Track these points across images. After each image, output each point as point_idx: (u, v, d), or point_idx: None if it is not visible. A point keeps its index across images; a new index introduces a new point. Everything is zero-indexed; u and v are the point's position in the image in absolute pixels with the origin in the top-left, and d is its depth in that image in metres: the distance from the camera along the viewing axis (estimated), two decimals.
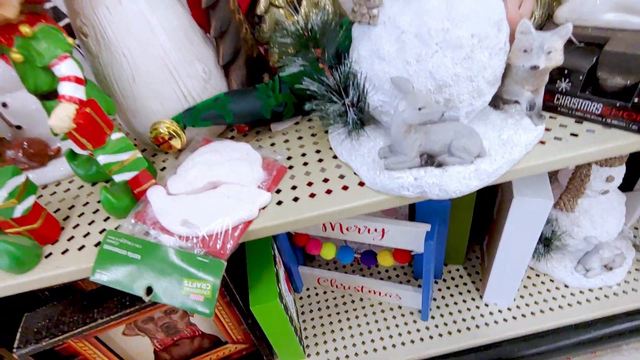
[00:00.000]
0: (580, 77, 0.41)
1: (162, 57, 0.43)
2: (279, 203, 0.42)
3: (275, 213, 0.41)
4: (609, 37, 0.43)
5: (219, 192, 0.42)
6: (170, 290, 0.37)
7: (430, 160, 0.38)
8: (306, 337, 0.75)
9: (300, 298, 0.82)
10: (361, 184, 0.42)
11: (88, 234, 0.44)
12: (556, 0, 0.48)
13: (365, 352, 0.71)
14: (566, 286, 0.74)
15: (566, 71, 0.42)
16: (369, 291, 0.78)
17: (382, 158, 0.39)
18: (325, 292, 0.82)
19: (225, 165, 0.44)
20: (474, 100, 0.37)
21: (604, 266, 0.71)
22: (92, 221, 0.46)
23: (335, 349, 0.72)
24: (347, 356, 0.71)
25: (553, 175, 0.72)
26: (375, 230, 0.64)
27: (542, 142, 0.42)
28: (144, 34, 0.41)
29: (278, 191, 0.44)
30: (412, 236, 0.61)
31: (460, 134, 0.37)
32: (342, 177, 0.44)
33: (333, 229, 0.67)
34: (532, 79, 0.38)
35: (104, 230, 0.44)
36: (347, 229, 0.66)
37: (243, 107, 0.47)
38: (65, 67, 0.34)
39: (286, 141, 0.51)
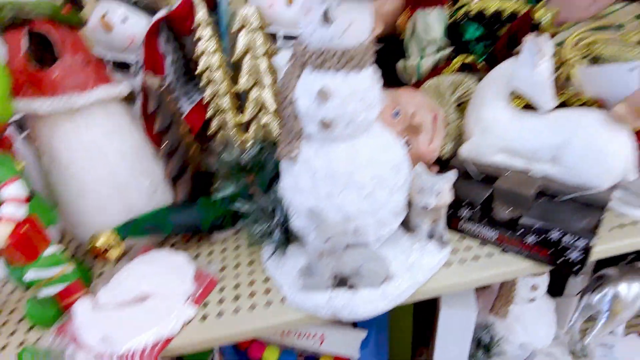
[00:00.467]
0: (477, 207, 0.48)
1: (111, 176, 0.48)
2: (203, 318, 0.44)
3: (198, 329, 0.43)
4: (498, 173, 0.51)
5: (145, 306, 0.44)
6: None
7: (342, 281, 0.42)
8: None
9: None
10: (283, 300, 0.45)
11: (6, 345, 0.44)
12: (463, 136, 0.57)
13: None
14: None
15: (466, 202, 0.48)
16: None
17: (301, 277, 0.43)
18: None
19: (157, 277, 0.46)
20: (379, 229, 0.42)
21: None
22: (14, 331, 0.46)
23: None
24: None
25: None
26: (315, 335, 0.65)
27: (449, 264, 0.47)
28: (97, 159, 0.46)
29: (205, 304, 0.46)
30: (349, 342, 0.62)
31: (368, 259, 0.41)
32: (267, 291, 0.46)
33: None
34: (429, 213, 0.44)
35: (23, 342, 0.44)
36: (287, 333, 0.66)
37: (183, 219, 0.51)
38: (8, 192, 0.38)
39: (224, 250, 0.54)
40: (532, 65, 0.44)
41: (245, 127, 0.56)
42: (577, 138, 0.45)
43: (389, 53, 0.64)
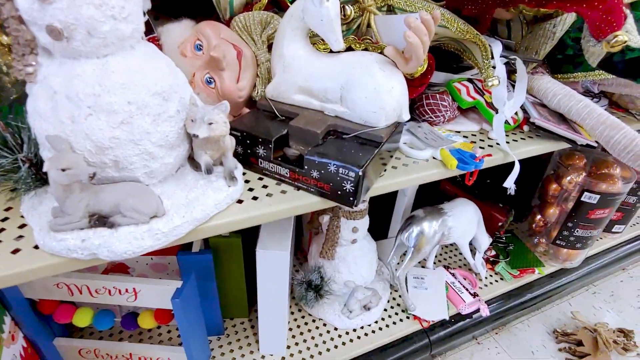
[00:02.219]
0: (271, 146, 0.47)
1: None
2: None
3: None
4: (298, 113, 0.51)
5: None
6: None
7: (102, 221, 0.38)
8: None
9: None
10: (37, 246, 0.38)
11: None
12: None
13: None
14: (336, 328, 0.81)
15: (261, 139, 0.48)
16: (139, 358, 0.71)
17: (54, 218, 0.37)
18: None
19: None
20: (148, 162, 0.39)
21: (363, 307, 0.80)
22: None
23: None
24: None
25: (320, 227, 0.80)
26: (127, 290, 0.60)
27: (240, 201, 0.46)
28: None
29: None
30: (165, 295, 0.59)
31: (130, 194, 0.37)
32: (20, 237, 0.39)
33: (81, 293, 0.60)
34: (209, 144, 0.41)
35: None
36: (97, 292, 0.60)
37: None
38: None
39: None
40: (318, 2, 0.44)
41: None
42: (356, 78, 0.47)
43: None
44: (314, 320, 0.82)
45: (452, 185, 0.99)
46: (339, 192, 0.46)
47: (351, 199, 0.46)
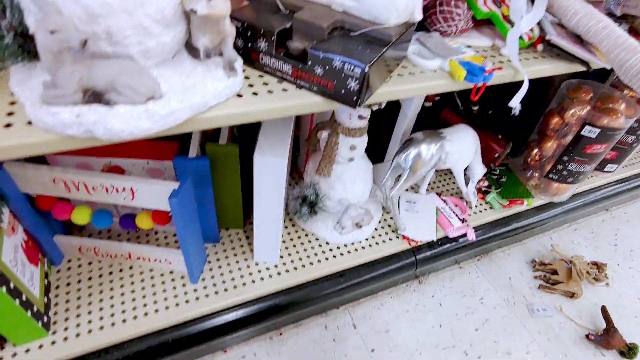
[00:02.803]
0: (273, 38, 0.45)
1: None
2: None
3: None
4: (303, 6, 0.48)
5: None
6: None
7: (97, 98, 0.36)
8: (56, 313, 0.67)
9: (58, 271, 0.73)
10: (30, 122, 0.37)
11: None
12: None
13: (124, 320, 0.67)
14: (327, 243, 0.84)
15: (262, 31, 0.45)
16: (138, 258, 0.74)
17: (45, 90, 0.35)
18: (90, 263, 0.75)
19: None
20: (143, 39, 0.36)
21: (355, 224, 0.83)
22: None
23: (89, 322, 0.66)
24: (101, 327, 0.66)
25: (317, 144, 0.79)
26: (124, 189, 0.60)
27: (240, 95, 0.45)
28: None
29: None
30: (162, 195, 0.60)
31: (126, 71, 0.35)
32: (11, 114, 0.38)
33: (78, 190, 0.61)
34: (207, 26, 0.39)
35: None
36: (94, 189, 0.61)
37: None
38: None
39: None
40: None
41: None
42: None
43: None
44: (306, 235, 0.85)
45: (453, 114, 0.97)
46: (343, 91, 0.44)
47: (355, 98, 0.44)
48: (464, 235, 0.91)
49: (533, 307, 1.01)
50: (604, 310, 0.99)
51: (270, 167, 0.61)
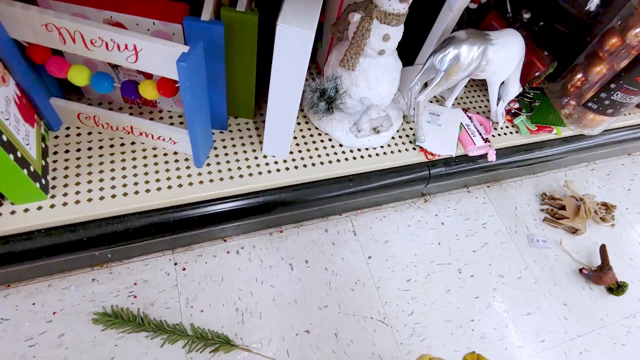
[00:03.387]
0: None
1: None
2: None
3: None
4: None
5: None
6: None
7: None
8: (54, 178, 0.64)
9: (56, 137, 0.68)
10: None
11: None
12: None
13: (125, 194, 0.65)
14: (341, 145, 0.79)
15: None
16: (140, 133, 0.69)
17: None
18: (90, 133, 0.70)
19: None
20: None
21: (373, 129, 0.77)
22: None
23: (89, 190, 0.64)
24: (101, 197, 0.64)
25: (345, 32, 0.70)
26: (126, 46, 0.53)
27: None
28: None
29: None
30: (170, 58, 0.53)
31: None
32: None
33: (74, 42, 0.53)
34: None
35: None
36: (92, 43, 0.53)
37: None
38: None
39: None
40: None
41: None
42: None
43: None
44: (319, 134, 0.80)
45: (500, 20, 0.85)
46: None
47: None
48: (483, 156, 0.87)
49: (533, 238, 1.02)
50: (603, 248, 0.99)
51: (294, 39, 0.53)
